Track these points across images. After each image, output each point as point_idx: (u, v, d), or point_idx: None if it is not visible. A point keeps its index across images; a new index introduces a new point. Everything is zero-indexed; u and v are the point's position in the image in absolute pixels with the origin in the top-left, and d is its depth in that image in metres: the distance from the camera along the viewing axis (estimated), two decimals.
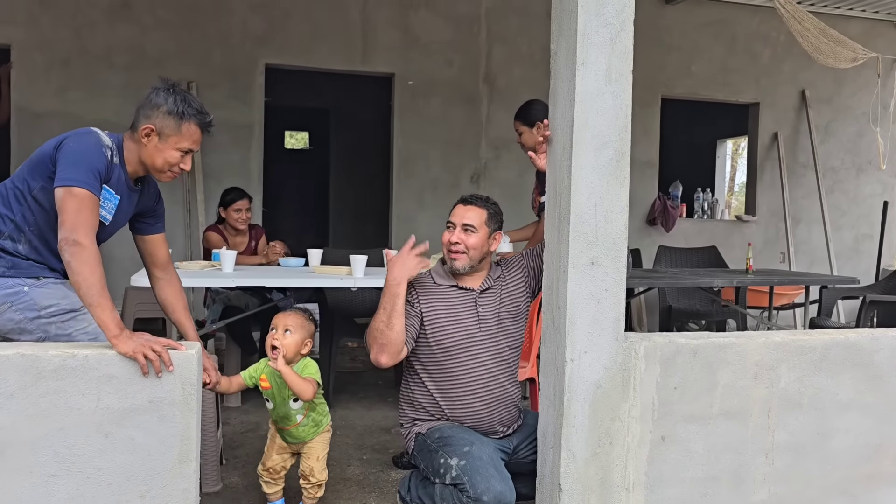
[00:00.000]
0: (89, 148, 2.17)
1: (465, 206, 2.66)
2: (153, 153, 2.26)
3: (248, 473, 3.15)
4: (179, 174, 2.35)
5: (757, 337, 2.56)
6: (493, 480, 2.34)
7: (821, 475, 2.60)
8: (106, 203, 2.23)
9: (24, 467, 1.92)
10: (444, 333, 2.57)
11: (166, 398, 2.00)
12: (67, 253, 2.05)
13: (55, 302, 2.26)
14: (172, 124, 2.25)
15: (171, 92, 2.28)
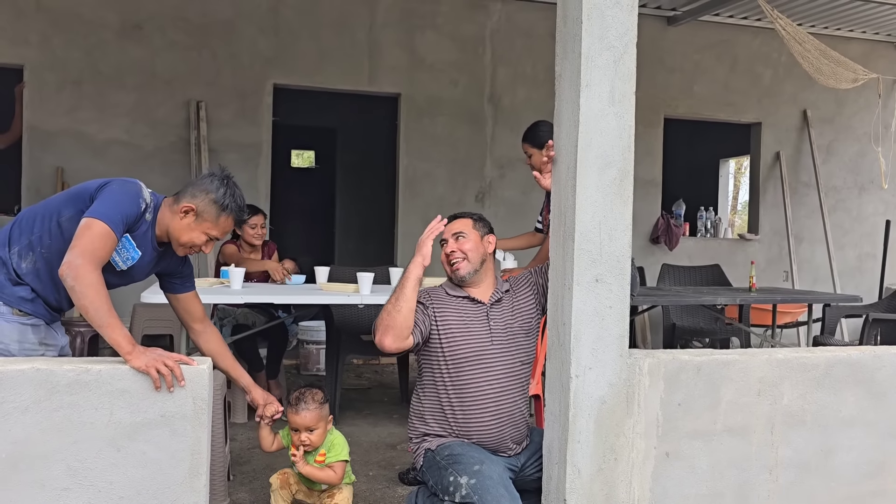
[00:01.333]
0: (128, 195, 2.25)
1: (450, 222, 2.77)
2: (183, 229, 2.33)
3: (255, 489, 3.17)
4: (193, 252, 2.43)
5: (760, 354, 2.59)
6: (503, 500, 2.35)
7: (825, 492, 2.61)
8: (122, 251, 2.28)
9: (37, 480, 1.95)
10: (457, 344, 2.60)
11: (178, 412, 2.04)
12: (70, 277, 2.07)
13: (8, 341, 2.23)
14: (213, 212, 2.33)
15: (223, 183, 2.36)
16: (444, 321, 2.63)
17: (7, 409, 1.92)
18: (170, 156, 5.99)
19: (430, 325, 2.62)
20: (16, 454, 1.93)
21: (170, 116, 5.99)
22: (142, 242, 2.32)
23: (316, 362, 5.75)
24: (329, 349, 4.43)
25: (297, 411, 2.63)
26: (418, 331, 2.59)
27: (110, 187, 2.25)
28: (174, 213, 2.34)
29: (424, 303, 2.64)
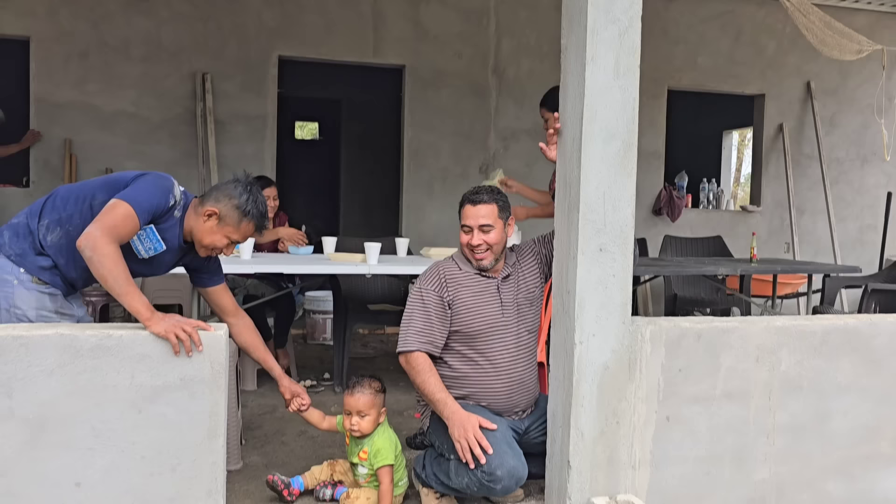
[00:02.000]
0: (159, 188, 2.36)
1: (474, 207, 2.71)
2: (205, 232, 2.43)
3: (267, 453, 3.27)
4: (212, 255, 2.54)
5: (759, 322, 2.67)
6: (506, 456, 2.44)
7: (820, 455, 2.70)
8: (146, 240, 2.38)
9: (63, 441, 2.03)
10: (471, 320, 2.68)
11: (196, 376, 2.12)
12: (88, 248, 2.15)
13: (25, 307, 2.34)
14: (235, 217, 2.43)
15: (246, 190, 2.45)
16: (458, 300, 2.69)
17: (33, 373, 2.00)
18: (177, 128, 6.02)
19: (448, 317, 2.67)
20: (43, 415, 2.01)
21: (176, 88, 6.01)
22: (167, 236, 2.41)
23: (322, 332, 5.84)
24: (336, 319, 4.51)
25: (353, 393, 2.68)
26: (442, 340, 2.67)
27: (145, 178, 2.36)
28: (199, 216, 2.43)
29: (442, 298, 2.67)
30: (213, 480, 2.15)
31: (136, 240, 2.35)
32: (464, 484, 2.52)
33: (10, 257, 2.34)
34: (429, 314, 2.66)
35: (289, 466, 3.11)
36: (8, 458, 1.99)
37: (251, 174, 2.57)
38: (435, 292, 2.68)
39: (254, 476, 2.97)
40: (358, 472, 2.67)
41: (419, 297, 2.69)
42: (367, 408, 2.64)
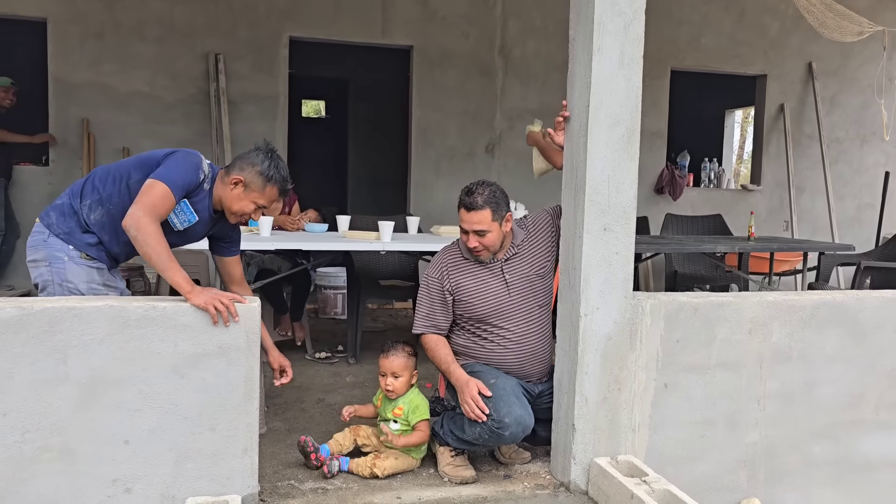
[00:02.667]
0: (190, 165, 2.52)
1: (468, 213, 2.79)
2: (233, 199, 2.59)
3: (288, 419, 3.47)
4: (243, 223, 2.72)
5: (752, 296, 2.85)
6: (514, 406, 2.64)
7: (807, 420, 2.90)
8: (180, 214, 2.56)
9: (113, 403, 2.23)
10: (475, 306, 2.85)
11: (233, 344, 2.31)
12: (133, 228, 2.35)
13: (77, 281, 2.53)
14: (259, 183, 2.57)
15: (268, 157, 2.60)
16: (459, 287, 2.87)
17: (86, 341, 2.19)
18: (190, 107, 6.17)
19: (450, 303, 2.88)
20: (94, 379, 2.20)
21: (189, 69, 6.15)
22: (199, 208, 2.59)
23: (334, 306, 6.03)
24: (350, 294, 4.69)
25: (388, 356, 2.88)
26: (446, 327, 2.89)
27: (175, 156, 2.52)
28: (226, 185, 2.60)
29: (443, 286, 2.87)
30: (249, 439, 2.35)
31: (172, 214, 2.53)
32: (476, 434, 2.70)
33: (60, 236, 2.52)
34: (432, 301, 2.89)
35: (309, 431, 3.31)
36: (64, 418, 2.19)
37: (271, 142, 2.71)
38: (437, 280, 2.89)
39: (278, 440, 3.17)
40: (390, 427, 2.85)
41: (425, 285, 2.92)
42: (400, 369, 2.85)
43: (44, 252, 2.53)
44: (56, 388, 2.18)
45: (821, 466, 2.93)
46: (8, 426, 2.15)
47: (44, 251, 2.53)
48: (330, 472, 2.68)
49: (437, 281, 2.89)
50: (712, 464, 2.79)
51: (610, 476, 2.50)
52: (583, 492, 2.63)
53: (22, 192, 5.89)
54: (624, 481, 2.42)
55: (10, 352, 2.14)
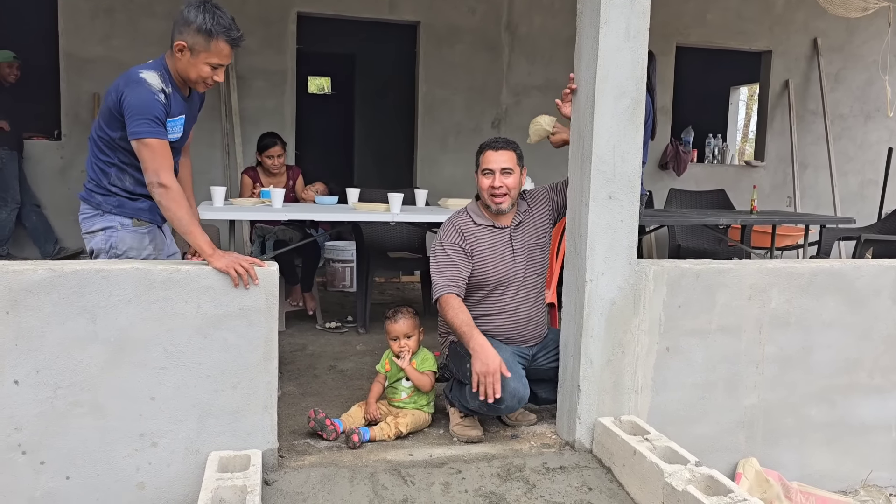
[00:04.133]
0: (146, 100, 2.43)
1: (496, 152, 2.93)
2: (187, 67, 2.49)
3: (301, 383, 3.59)
4: (213, 86, 2.60)
5: (752, 264, 2.94)
6: (508, 379, 2.74)
7: (804, 384, 3.00)
8: (173, 129, 2.55)
9: (139, 361, 2.33)
10: (486, 272, 2.94)
11: (253, 306, 2.41)
12: (157, 195, 2.46)
13: (127, 248, 2.65)
14: (202, 41, 2.44)
15: (201, 9, 2.44)
16: (475, 252, 2.95)
17: (114, 301, 2.29)
18: None
19: (468, 264, 2.93)
20: (122, 339, 2.31)
21: None
22: (178, 110, 2.57)
23: (342, 279, 6.14)
24: (359, 266, 4.79)
25: (396, 321, 3.01)
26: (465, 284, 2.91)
27: (128, 101, 2.43)
28: (174, 58, 2.50)
29: (463, 248, 2.92)
30: (269, 397, 2.46)
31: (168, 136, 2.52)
32: (475, 405, 2.82)
33: (112, 212, 2.64)
34: (453, 261, 2.90)
35: (322, 395, 3.43)
36: (93, 376, 2.29)
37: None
38: (455, 243, 2.94)
39: (292, 403, 3.29)
40: (403, 385, 2.98)
41: (442, 250, 2.93)
42: (410, 329, 3.00)
43: (100, 224, 2.64)
44: (86, 346, 2.28)
45: (817, 428, 3.03)
46: (41, 382, 2.26)
47: (100, 223, 2.64)
48: (360, 440, 2.75)
49: (456, 243, 2.93)
50: (712, 425, 2.90)
51: (613, 434, 2.60)
52: (587, 450, 2.74)
53: (35, 167, 5.99)
54: (627, 439, 2.53)
55: (42, 312, 2.24)
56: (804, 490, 2.94)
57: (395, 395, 3.01)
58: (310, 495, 2.37)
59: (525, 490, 2.48)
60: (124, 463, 2.35)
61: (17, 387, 2.24)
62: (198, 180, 3.28)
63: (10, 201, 5.67)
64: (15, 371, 2.24)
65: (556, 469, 2.62)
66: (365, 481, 2.47)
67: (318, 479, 2.46)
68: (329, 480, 2.46)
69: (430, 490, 2.44)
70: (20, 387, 2.25)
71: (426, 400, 3.01)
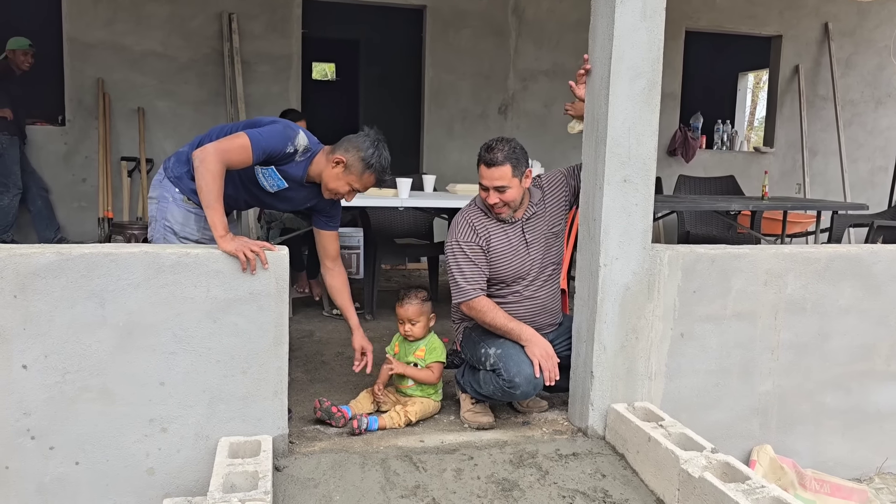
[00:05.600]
0: (282, 136, 2.61)
1: (488, 169, 2.77)
2: (332, 177, 2.69)
3: (309, 369, 3.56)
4: (335, 199, 2.82)
5: (768, 249, 2.90)
6: (523, 365, 2.71)
7: (819, 371, 2.97)
8: (269, 179, 2.70)
9: (148, 345, 2.30)
10: (500, 268, 2.88)
11: (263, 291, 2.37)
12: (198, 159, 2.46)
13: (172, 221, 2.68)
14: (359, 168, 2.68)
15: (374, 145, 2.70)
16: (490, 248, 2.88)
17: (122, 285, 2.26)
18: (204, 67, 6.18)
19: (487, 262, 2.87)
20: (131, 323, 2.28)
21: (203, 28, 6.15)
22: (289, 176, 2.70)
23: (348, 266, 6.08)
24: (367, 252, 4.75)
25: (402, 304, 2.97)
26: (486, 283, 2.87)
27: (275, 125, 2.65)
28: (328, 161, 2.69)
29: (482, 246, 2.86)
30: (279, 382, 2.43)
31: (262, 176, 2.69)
32: (490, 391, 2.79)
33: (171, 179, 2.69)
34: (473, 262, 2.84)
35: (331, 382, 3.41)
36: (102, 360, 2.27)
37: (381, 132, 2.78)
38: (473, 242, 2.86)
39: (301, 389, 3.26)
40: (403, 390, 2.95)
41: (460, 250, 2.84)
42: (416, 315, 2.96)
43: (158, 191, 2.71)
44: (94, 331, 2.25)
45: (832, 415, 3.00)
46: (49, 367, 2.23)
47: (158, 190, 2.71)
48: (360, 428, 2.71)
49: (473, 241, 2.85)
50: (726, 411, 2.86)
51: (627, 421, 2.57)
52: (600, 436, 2.71)
53: (38, 152, 5.95)
54: (641, 425, 2.50)
55: (51, 296, 2.21)
56: (818, 477, 2.91)
57: (403, 382, 2.98)
58: (321, 481, 2.35)
59: (538, 476, 2.45)
60: (134, 448, 2.33)
61: (25, 371, 2.22)
62: None
63: (12, 187, 5.63)
64: (23, 356, 2.21)
65: (568, 455, 2.59)
66: (376, 467, 2.44)
67: (328, 465, 2.44)
68: (340, 466, 2.44)
69: (443, 476, 2.42)
70: (28, 371, 2.22)
71: (434, 388, 2.98)
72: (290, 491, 2.28)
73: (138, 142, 6.10)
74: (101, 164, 6.01)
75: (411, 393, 2.96)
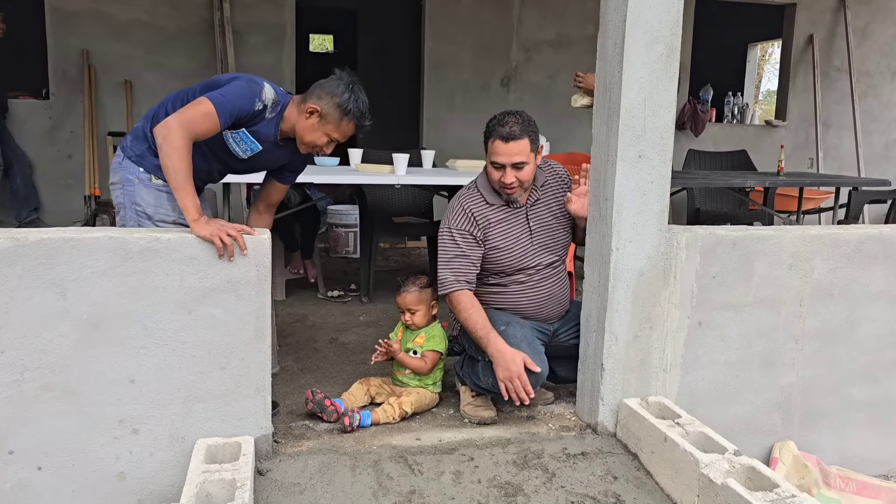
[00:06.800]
0: (247, 93, 2.35)
1: (506, 144, 2.54)
2: (307, 129, 2.44)
3: (301, 357, 3.36)
4: (315, 153, 2.55)
5: (794, 230, 2.67)
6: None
7: (847, 360, 2.76)
8: (241, 143, 2.44)
9: (116, 340, 2.09)
10: (503, 257, 2.66)
11: (243, 279, 2.16)
12: (161, 136, 2.21)
13: (143, 205, 2.43)
14: (336, 115, 2.42)
15: (349, 88, 2.43)
16: (489, 238, 2.65)
17: (86, 274, 2.05)
18: (193, 38, 5.91)
19: (481, 255, 2.65)
20: (96, 315, 2.07)
21: None
22: (262, 137, 2.44)
23: (345, 245, 5.89)
24: (363, 231, 4.53)
25: (400, 293, 2.78)
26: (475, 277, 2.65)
27: (237, 81, 2.38)
28: (300, 113, 2.44)
29: (475, 236, 2.63)
30: (261, 378, 2.23)
31: (232, 142, 2.43)
32: (489, 384, 2.59)
33: (132, 158, 2.44)
34: (464, 252, 2.62)
35: (323, 371, 3.21)
36: (66, 356, 2.06)
37: (354, 73, 2.51)
38: (467, 231, 2.63)
39: (291, 379, 3.06)
40: (400, 378, 2.75)
41: (451, 238, 2.64)
42: (415, 304, 2.76)
43: (119, 174, 2.47)
44: (56, 324, 2.04)
45: (859, 408, 2.80)
46: (6, 364, 2.02)
47: (119, 174, 2.47)
48: (351, 426, 2.51)
49: (468, 231, 2.63)
50: (746, 405, 2.66)
51: (641, 418, 2.37)
52: (611, 434, 2.51)
53: (21, 126, 5.71)
54: (656, 423, 2.29)
55: (6, 286, 2.00)
56: (844, 475, 2.72)
57: (401, 370, 2.78)
58: (307, 486, 2.15)
59: (544, 479, 2.25)
60: (102, 452, 2.13)
61: None
62: None
63: None
64: None
65: (577, 455, 2.39)
66: (368, 470, 2.25)
67: (316, 468, 2.24)
68: (329, 469, 2.24)
69: (440, 480, 2.22)
70: None
71: (432, 378, 2.77)
72: (273, 498, 2.09)
73: (126, 116, 5.85)
74: (87, 139, 5.77)
75: (407, 381, 2.76)
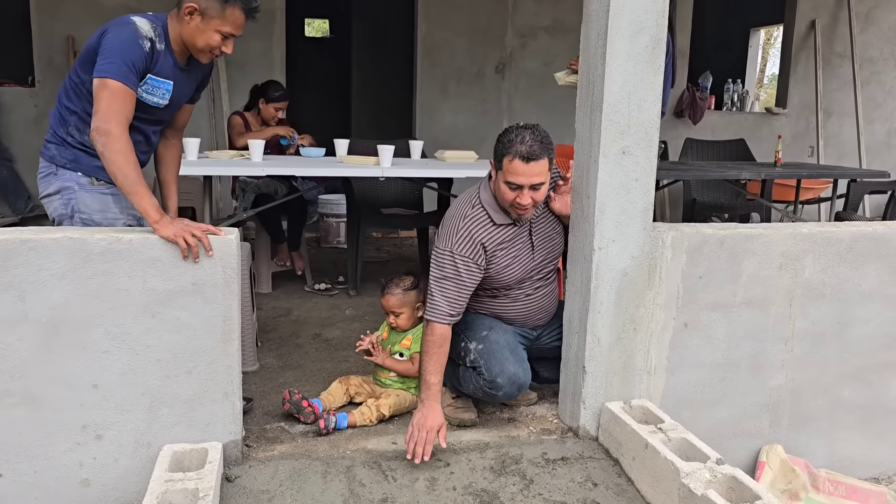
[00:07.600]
0: (126, 40, 2.16)
1: (527, 164, 2.30)
2: (194, 33, 2.24)
3: (282, 354, 3.29)
4: (219, 56, 2.34)
5: (784, 228, 2.59)
6: (506, 363, 2.42)
7: (838, 362, 2.68)
8: (156, 90, 2.27)
9: (78, 344, 2.02)
10: (505, 276, 2.52)
11: (209, 281, 2.08)
12: (99, 143, 2.10)
13: (90, 212, 2.32)
14: (217, 7, 2.21)
15: None
16: (493, 260, 2.49)
17: (44, 276, 1.97)
18: None
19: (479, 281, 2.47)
20: (56, 319, 2.00)
21: None
22: (168, 73, 2.28)
23: (336, 235, 5.82)
24: (350, 223, 4.45)
25: (384, 295, 2.71)
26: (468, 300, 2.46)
27: (107, 38, 2.16)
28: (180, 20, 2.25)
29: (480, 264, 2.43)
30: (229, 383, 2.16)
31: (147, 95, 2.26)
32: (470, 390, 2.52)
33: (65, 166, 2.31)
34: (464, 282, 2.40)
35: (304, 368, 3.14)
36: (25, 361, 1.99)
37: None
38: (471, 259, 2.41)
39: (270, 378, 3.00)
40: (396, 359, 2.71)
41: (452, 263, 2.39)
42: (398, 306, 2.69)
43: (55, 184, 2.33)
44: (14, 327, 1.97)
45: (849, 410, 2.72)
46: None
47: (55, 184, 2.33)
48: (326, 428, 2.44)
49: (472, 261, 2.42)
50: (733, 408, 2.59)
51: (623, 423, 2.30)
52: (592, 438, 2.44)
53: (6, 115, 5.62)
54: (637, 429, 2.22)
55: None
56: (833, 478, 2.65)
57: (384, 371, 2.71)
58: (276, 494, 2.09)
59: (521, 486, 2.19)
60: (65, 458, 2.07)
61: None
62: None
63: None
64: None
65: (557, 461, 2.32)
66: (340, 477, 2.18)
67: (286, 475, 2.17)
68: (300, 476, 2.17)
69: (414, 487, 2.16)
70: None
71: (415, 381, 2.70)
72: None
73: None
74: None
75: (390, 383, 2.69)
